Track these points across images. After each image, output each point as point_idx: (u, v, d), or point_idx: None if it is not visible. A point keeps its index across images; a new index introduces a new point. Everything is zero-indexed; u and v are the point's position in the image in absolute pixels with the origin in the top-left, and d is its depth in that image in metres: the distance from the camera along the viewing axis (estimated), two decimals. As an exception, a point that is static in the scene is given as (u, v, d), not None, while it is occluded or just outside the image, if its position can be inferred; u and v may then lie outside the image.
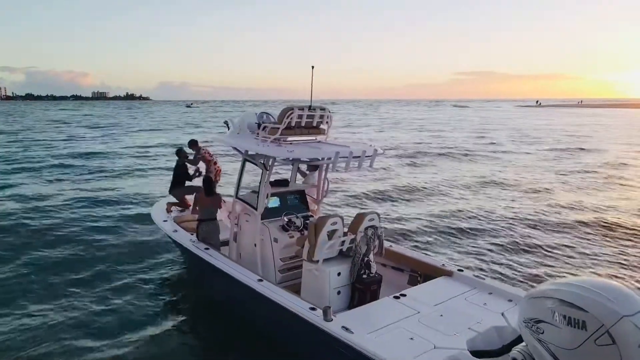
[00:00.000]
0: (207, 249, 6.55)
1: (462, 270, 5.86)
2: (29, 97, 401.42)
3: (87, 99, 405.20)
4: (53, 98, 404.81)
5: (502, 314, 4.49)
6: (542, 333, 2.87)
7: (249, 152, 6.25)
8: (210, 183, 7.00)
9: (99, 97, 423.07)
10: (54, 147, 28.60)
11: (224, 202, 7.57)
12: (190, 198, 8.42)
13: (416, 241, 9.79)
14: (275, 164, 6.22)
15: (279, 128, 5.80)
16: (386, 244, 6.47)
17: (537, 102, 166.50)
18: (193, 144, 9.53)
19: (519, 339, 4.01)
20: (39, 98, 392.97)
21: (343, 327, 4.29)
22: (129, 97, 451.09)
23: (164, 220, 7.93)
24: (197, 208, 6.99)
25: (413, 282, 6.26)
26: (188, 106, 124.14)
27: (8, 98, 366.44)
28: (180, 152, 9.12)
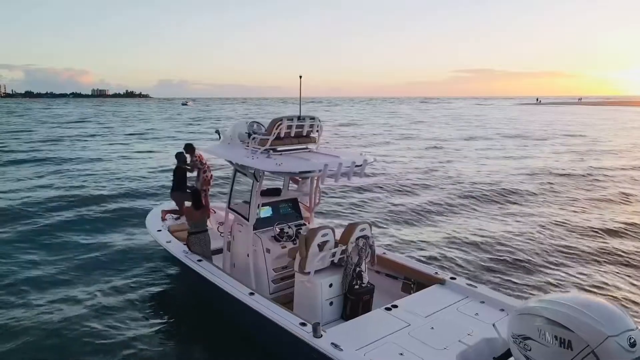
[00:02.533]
0: (199, 260, 6.55)
1: (454, 278, 5.88)
2: (29, 94, 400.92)
3: (86, 96, 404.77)
4: (52, 96, 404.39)
5: (494, 325, 4.48)
6: (530, 350, 2.87)
7: (239, 163, 6.24)
8: (198, 196, 7.00)
9: (99, 94, 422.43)
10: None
11: (214, 211, 7.53)
12: (188, 204, 8.41)
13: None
14: (266, 174, 6.22)
15: (268, 139, 5.79)
16: (380, 251, 6.48)
17: (537, 99, 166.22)
18: (189, 148, 9.41)
19: (509, 352, 3.98)
20: (39, 96, 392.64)
21: (332, 343, 4.30)
22: (129, 94, 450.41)
23: (158, 230, 7.94)
24: (187, 221, 6.99)
25: (407, 289, 6.27)
26: (183, 104, 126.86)
27: (7, 96, 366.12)
28: (179, 156, 9.07)
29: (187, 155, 9.28)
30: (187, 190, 9.05)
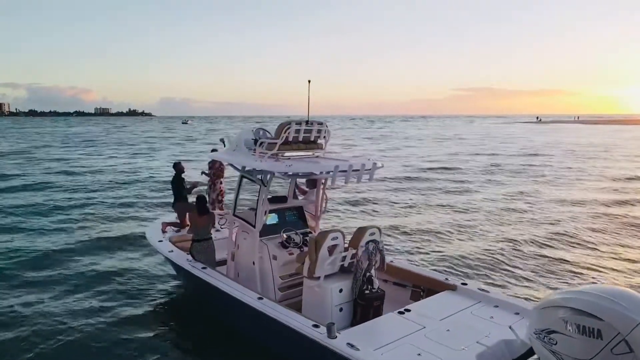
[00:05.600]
0: (204, 268, 6.45)
1: (466, 284, 5.80)
2: (32, 113, 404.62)
3: (90, 115, 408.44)
4: (56, 114, 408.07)
5: (510, 327, 4.38)
6: (555, 344, 2.75)
7: (246, 168, 6.17)
8: (203, 202, 6.92)
9: (102, 113, 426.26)
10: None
11: (222, 217, 7.39)
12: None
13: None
14: (273, 179, 6.16)
15: (276, 143, 5.74)
16: (387, 258, 6.38)
17: (537, 118, 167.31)
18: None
19: (528, 352, 3.86)
20: (42, 114, 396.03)
21: (348, 344, 4.19)
22: (132, 113, 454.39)
23: (160, 241, 7.82)
24: (190, 228, 6.89)
25: (416, 297, 6.16)
26: (184, 122, 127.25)
27: (11, 114, 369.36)
28: (176, 166, 9.04)
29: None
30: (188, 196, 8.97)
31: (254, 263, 6.21)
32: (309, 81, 6.27)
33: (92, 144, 47.16)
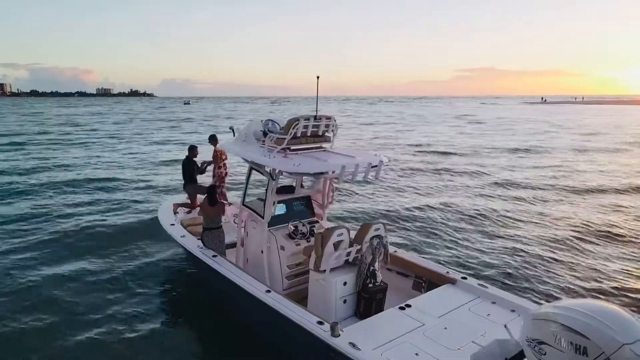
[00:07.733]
0: (214, 256, 6.67)
1: (465, 278, 5.95)
2: (34, 93, 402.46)
3: (92, 95, 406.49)
4: (58, 95, 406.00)
5: (505, 326, 4.56)
6: (545, 354, 2.96)
7: (256, 162, 6.31)
8: (213, 192, 7.09)
9: (104, 93, 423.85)
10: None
11: (230, 204, 7.53)
12: (201, 198, 8.45)
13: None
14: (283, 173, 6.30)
15: (285, 139, 5.85)
16: (391, 249, 6.56)
17: (542, 98, 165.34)
18: (212, 139, 9.53)
19: (521, 353, 4.07)
20: (44, 95, 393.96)
21: (350, 343, 4.38)
22: (133, 93, 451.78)
23: (171, 224, 8.02)
24: (202, 216, 7.08)
25: (418, 287, 6.36)
26: (186, 103, 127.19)
27: (13, 94, 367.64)
28: (191, 149, 9.14)
29: (211, 146, 9.40)
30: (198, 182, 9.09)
31: (262, 252, 6.42)
32: (318, 77, 6.29)
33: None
